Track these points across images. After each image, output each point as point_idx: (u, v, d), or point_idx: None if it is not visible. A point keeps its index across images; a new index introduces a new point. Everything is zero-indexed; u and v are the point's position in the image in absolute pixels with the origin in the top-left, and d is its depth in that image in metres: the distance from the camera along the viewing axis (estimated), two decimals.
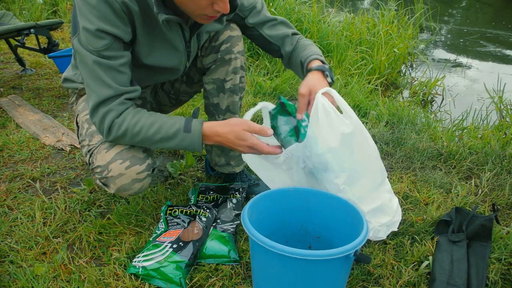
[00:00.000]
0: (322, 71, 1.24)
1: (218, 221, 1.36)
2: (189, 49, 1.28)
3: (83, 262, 1.25)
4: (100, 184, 1.24)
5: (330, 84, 1.24)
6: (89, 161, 1.26)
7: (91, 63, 1.08)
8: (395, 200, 1.41)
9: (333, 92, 1.18)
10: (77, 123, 1.35)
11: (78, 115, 1.35)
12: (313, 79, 1.22)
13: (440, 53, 4.54)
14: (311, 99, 1.19)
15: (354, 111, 2.43)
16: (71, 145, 1.94)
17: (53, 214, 1.46)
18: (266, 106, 1.33)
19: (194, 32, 1.25)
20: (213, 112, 1.46)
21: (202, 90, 1.58)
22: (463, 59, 4.26)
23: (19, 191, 1.59)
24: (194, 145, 1.15)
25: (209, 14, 1.09)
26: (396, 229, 1.38)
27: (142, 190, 1.25)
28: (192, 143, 1.15)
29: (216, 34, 1.36)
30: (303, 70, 1.33)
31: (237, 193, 1.52)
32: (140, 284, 1.17)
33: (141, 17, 1.12)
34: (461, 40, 5.08)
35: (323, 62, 1.29)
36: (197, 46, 1.33)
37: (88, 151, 1.26)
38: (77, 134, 1.36)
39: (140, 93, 1.20)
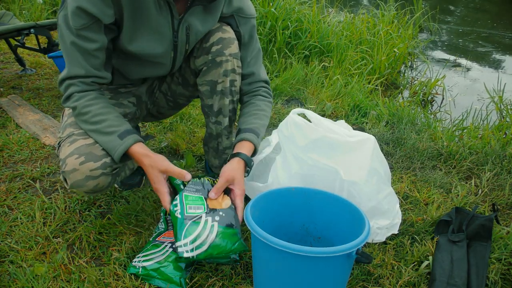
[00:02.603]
0: (246, 163, 1.27)
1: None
2: (176, 39, 1.27)
3: (83, 262, 1.25)
4: (62, 178, 1.23)
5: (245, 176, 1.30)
6: (57, 153, 1.27)
7: (68, 40, 1.16)
8: (397, 204, 1.42)
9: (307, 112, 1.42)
10: (62, 117, 1.37)
11: (65, 109, 1.37)
12: (238, 171, 1.24)
13: (440, 53, 4.54)
14: (232, 189, 1.23)
15: (354, 111, 2.45)
16: None
17: (53, 214, 1.46)
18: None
19: (181, 20, 1.24)
20: (208, 113, 1.45)
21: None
22: (463, 59, 4.27)
23: (19, 191, 1.59)
24: (115, 152, 1.17)
25: None
26: (396, 232, 1.39)
27: (99, 189, 1.22)
28: (114, 148, 1.17)
29: (207, 35, 1.34)
30: (236, 135, 1.37)
31: None
32: (140, 284, 1.17)
33: (130, 1, 1.14)
34: (461, 40, 5.08)
35: (255, 146, 1.32)
36: (186, 40, 1.30)
37: (58, 143, 1.27)
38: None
39: (109, 80, 1.25)
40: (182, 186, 1.22)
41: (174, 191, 1.24)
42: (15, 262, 1.24)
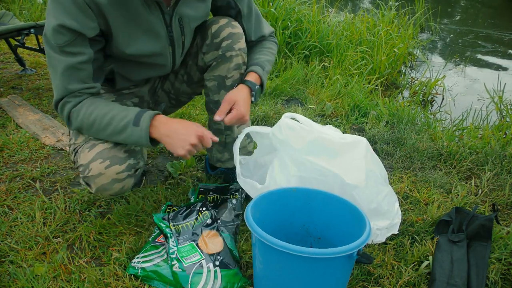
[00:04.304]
0: (251, 89, 1.34)
1: (218, 221, 1.36)
2: (171, 33, 1.27)
3: (83, 262, 1.25)
4: (83, 183, 1.24)
5: (252, 103, 1.36)
6: (74, 159, 1.27)
7: (52, 60, 1.13)
8: (396, 203, 1.42)
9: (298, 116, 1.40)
10: None
11: None
12: (240, 93, 1.32)
13: (440, 53, 4.54)
14: (232, 108, 1.28)
15: (354, 111, 2.45)
16: None
17: (53, 214, 1.46)
18: (254, 130, 1.37)
19: (173, 14, 1.23)
20: (213, 110, 1.45)
21: (202, 90, 1.58)
22: (463, 59, 4.26)
23: (19, 191, 1.59)
24: (141, 140, 1.14)
25: None
26: (396, 232, 1.39)
27: (124, 191, 1.23)
28: (139, 137, 1.14)
29: (217, 30, 1.36)
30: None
31: (237, 193, 1.52)
32: (140, 284, 1.17)
33: (114, 9, 1.12)
34: (461, 40, 5.08)
35: (261, 77, 1.37)
36: (180, 32, 1.30)
37: (73, 150, 1.27)
38: (68, 133, 1.38)
39: (98, 90, 1.22)
40: (169, 230, 1.25)
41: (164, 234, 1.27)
42: (15, 262, 1.24)
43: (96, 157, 1.18)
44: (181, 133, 1.14)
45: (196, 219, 1.31)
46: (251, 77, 1.36)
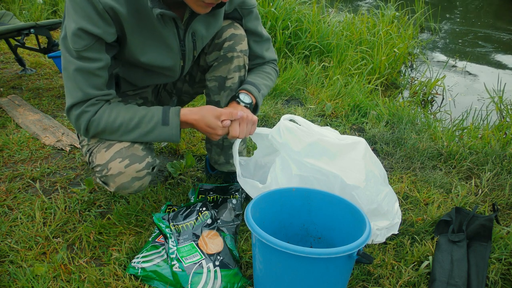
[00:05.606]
0: (236, 101, 1.33)
1: (219, 221, 1.36)
2: (184, 47, 1.27)
3: (83, 262, 1.25)
4: (101, 182, 1.25)
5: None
6: (89, 160, 1.27)
7: (69, 64, 1.12)
8: (396, 203, 1.42)
9: (297, 118, 1.39)
10: None
11: None
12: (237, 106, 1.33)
13: (440, 53, 4.54)
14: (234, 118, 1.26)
15: (354, 111, 2.45)
16: (71, 145, 1.94)
17: (53, 214, 1.46)
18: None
19: (186, 29, 1.24)
20: None
21: (204, 90, 1.58)
22: (463, 59, 4.26)
23: (19, 191, 1.59)
24: (172, 138, 1.20)
25: (206, 1, 1.09)
26: (396, 232, 1.39)
27: (142, 189, 1.25)
28: (170, 135, 1.20)
29: (219, 31, 1.36)
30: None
31: (237, 193, 1.52)
32: (140, 284, 1.17)
33: (131, 18, 1.12)
34: (461, 40, 5.08)
35: (253, 94, 1.35)
36: (193, 47, 1.31)
37: (88, 150, 1.27)
38: (77, 133, 1.38)
39: (114, 96, 1.22)
40: (168, 230, 1.25)
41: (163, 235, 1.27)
42: (15, 262, 1.24)
43: (115, 156, 1.19)
44: (206, 132, 1.23)
45: (196, 219, 1.31)
46: (242, 92, 1.34)
